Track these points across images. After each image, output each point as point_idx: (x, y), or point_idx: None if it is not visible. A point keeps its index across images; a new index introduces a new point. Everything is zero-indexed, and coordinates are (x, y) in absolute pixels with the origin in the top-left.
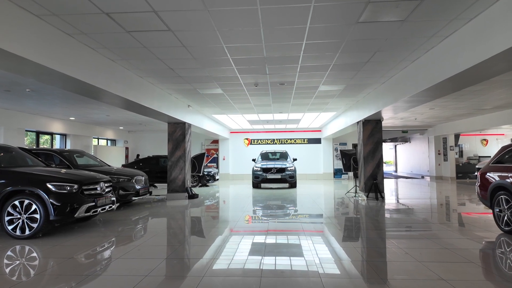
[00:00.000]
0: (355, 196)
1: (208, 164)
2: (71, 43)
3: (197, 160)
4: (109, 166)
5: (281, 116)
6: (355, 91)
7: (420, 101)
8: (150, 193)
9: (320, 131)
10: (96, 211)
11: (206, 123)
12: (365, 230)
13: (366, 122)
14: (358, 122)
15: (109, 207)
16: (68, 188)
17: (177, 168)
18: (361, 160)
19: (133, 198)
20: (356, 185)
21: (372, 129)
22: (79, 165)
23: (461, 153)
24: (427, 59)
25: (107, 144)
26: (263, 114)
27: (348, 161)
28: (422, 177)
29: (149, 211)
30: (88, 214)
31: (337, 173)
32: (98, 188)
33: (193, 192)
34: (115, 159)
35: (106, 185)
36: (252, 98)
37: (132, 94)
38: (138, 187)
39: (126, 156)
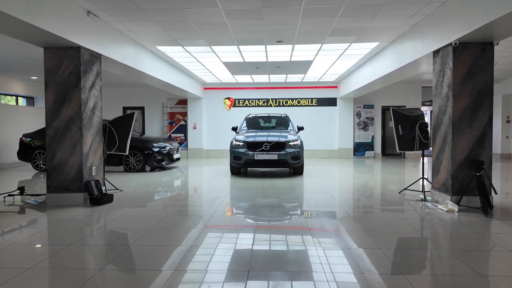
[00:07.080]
0: (425, 200)
1: (173, 135)
2: None
3: (117, 127)
4: None
5: (280, 52)
6: None
7: None
8: (22, 190)
9: (336, 87)
10: None
11: (151, 65)
12: None
13: (460, 48)
14: (437, 51)
15: None
16: None
17: (65, 143)
18: (442, 128)
19: None
20: (423, 177)
21: (473, 63)
22: None
23: None
24: None
25: (16, 104)
26: (248, 47)
27: (409, 130)
28: None
29: None
30: None
31: (358, 149)
32: None
33: (103, 191)
34: (24, 126)
35: None
36: None
37: None
38: None
39: None
